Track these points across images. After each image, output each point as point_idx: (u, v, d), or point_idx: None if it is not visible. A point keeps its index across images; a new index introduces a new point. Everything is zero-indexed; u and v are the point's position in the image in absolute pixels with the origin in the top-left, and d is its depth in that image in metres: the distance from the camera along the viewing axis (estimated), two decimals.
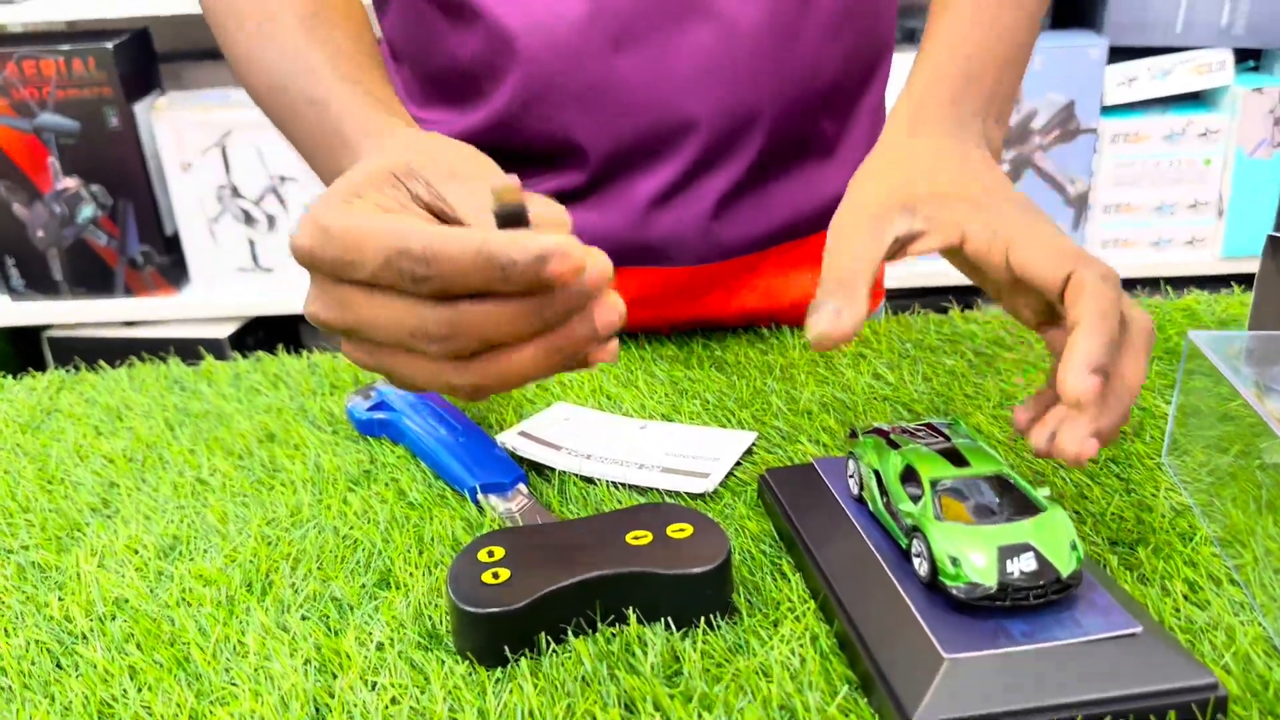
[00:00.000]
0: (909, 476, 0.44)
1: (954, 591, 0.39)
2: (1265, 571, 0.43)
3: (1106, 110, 1.42)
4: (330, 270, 0.36)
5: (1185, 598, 0.44)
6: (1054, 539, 0.40)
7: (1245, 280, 1.50)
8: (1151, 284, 1.48)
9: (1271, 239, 0.65)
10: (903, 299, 1.55)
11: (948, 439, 0.46)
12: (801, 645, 0.42)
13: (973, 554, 0.39)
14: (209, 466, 0.61)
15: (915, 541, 0.42)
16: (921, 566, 0.41)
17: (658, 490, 0.55)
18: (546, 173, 0.72)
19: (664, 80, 0.66)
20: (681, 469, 0.56)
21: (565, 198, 0.72)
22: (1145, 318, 0.44)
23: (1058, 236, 0.44)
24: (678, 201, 0.71)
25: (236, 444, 0.64)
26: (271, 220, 1.47)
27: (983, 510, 0.41)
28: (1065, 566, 0.39)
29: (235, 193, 1.45)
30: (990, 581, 0.39)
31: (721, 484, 0.55)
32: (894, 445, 0.46)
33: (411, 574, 0.49)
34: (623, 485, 0.56)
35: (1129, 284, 1.51)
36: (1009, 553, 0.39)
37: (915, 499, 0.43)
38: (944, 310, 0.81)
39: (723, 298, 0.76)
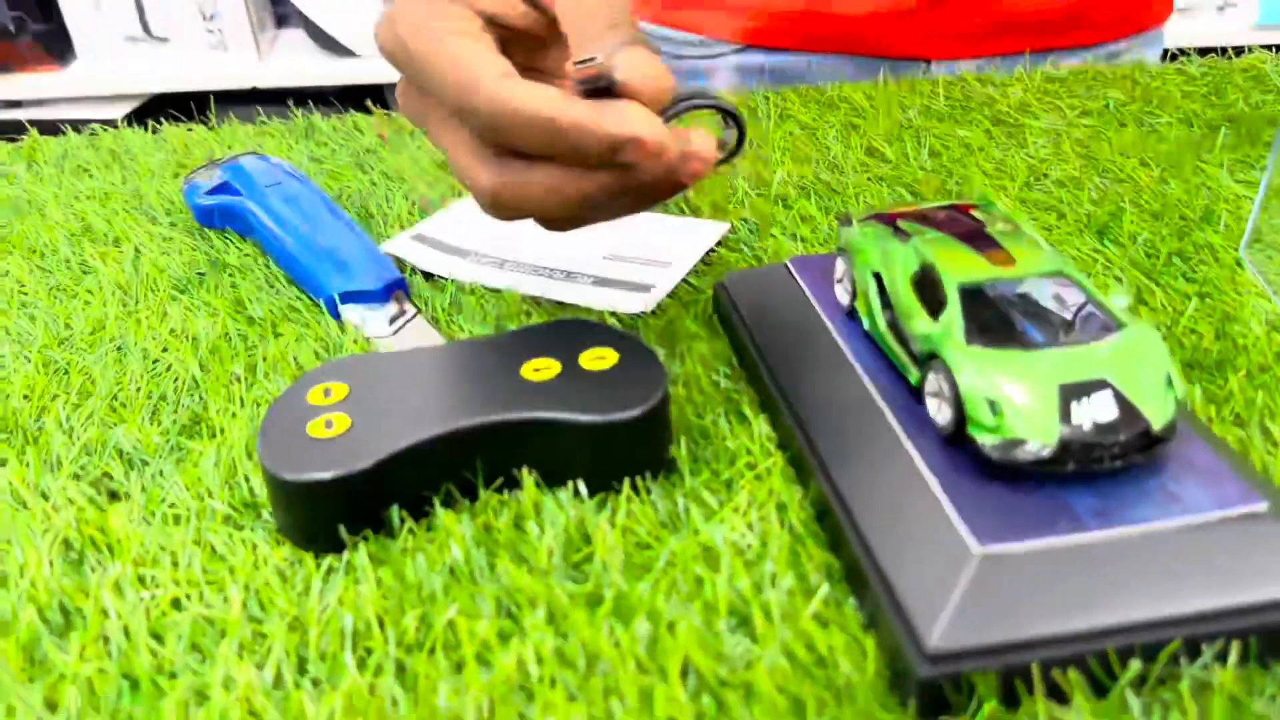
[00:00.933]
0: (926, 281, 0.30)
1: (990, 451, 0.26)
2: None
3: None
4: (408, 78, 0.34)
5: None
6: (1140, 371, 0.27)
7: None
8: (1175, 56, 1.31)
9: None
10: None
11: (980, 224, 0.32)
12: (764, 519, 0.30)
13: (1021, 394, 0.26)
14: (0, 268, 0.46)
15: (933, 375, 0.29)
16: (941, 411, 0.28)
17: (587, 308, 0.41)
18: None
19: None
20: (620, 278, 0.42)
21: None
22: None
23: None
24: None
25: (42, 237, 0.49)
26: None
27: (1037, 328, 0.28)
28: (1159, 413, 0.26)
29: None
30: (1048, 438, 0.26)
31: (669, 295, 0.42)
32: (903, 235, 0.32)
33: (233, 417, 0.36)
34: (542, 300, 0.42)
35: None
36: (1075, 392, 0.26)
37: (935, 312, 0.29)
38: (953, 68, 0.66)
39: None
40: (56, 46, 1.32)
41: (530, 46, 0.35)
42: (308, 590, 0.28)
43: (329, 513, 0.29)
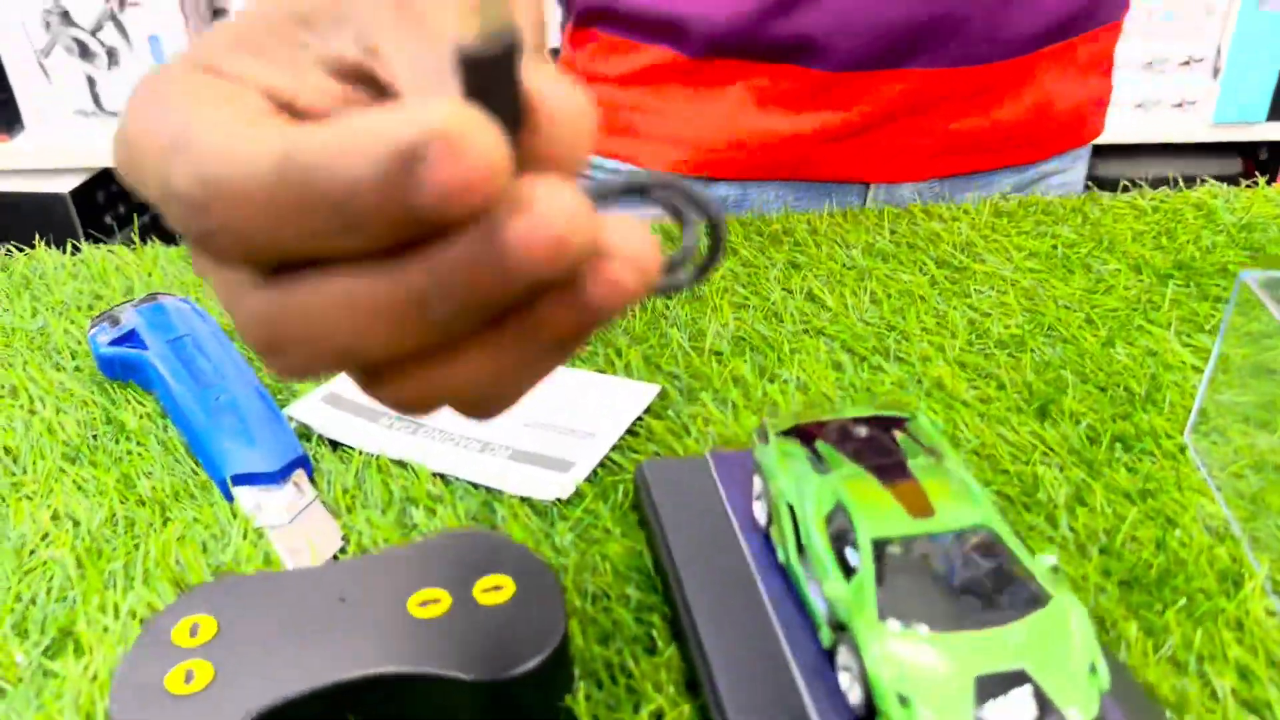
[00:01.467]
0: (839, 523, 0.28)
1: None
2: None
3: None
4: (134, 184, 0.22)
5: (1235, 694, 0.30)
6: (1063, 658, 0.25)
7: (1240, 149, 1.35)
8: (1134, 150, 1.31)
9: None
10: None
11: (902, 455, 0.30)
12: None
13: (933, 689, 0.24)
14: None
15: (844, 648, 0.26)
16: (853, 690, 0.26)
17: (499, 493, 0.39)
18: None
19: None
20: (539, 451, 0.40)
21: None
22: None
23: None
24: None
25: None
26: (112, 54, 1.23)
27: (951, 594, 0.26)
28: (1082, 709, 0.24)
29: (66, 19, 1.21)
30: None
31: (592, 474, 0.39)
32: (819, 462, 0.30)
33: (105, 629, 0.33)
34: (452, 479, 0.40)
35: (1112, 150, 1.33)
36: (992, 687, 0.24)
37: (847, 569, 0.27)
38: (900, 201, 0.64)
39: (986, 107, 0.63)
40: (6, 118, 1.29)
41: None
42: None
43: None
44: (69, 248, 0.60)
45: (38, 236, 0.63)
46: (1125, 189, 0.65)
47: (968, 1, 0.58)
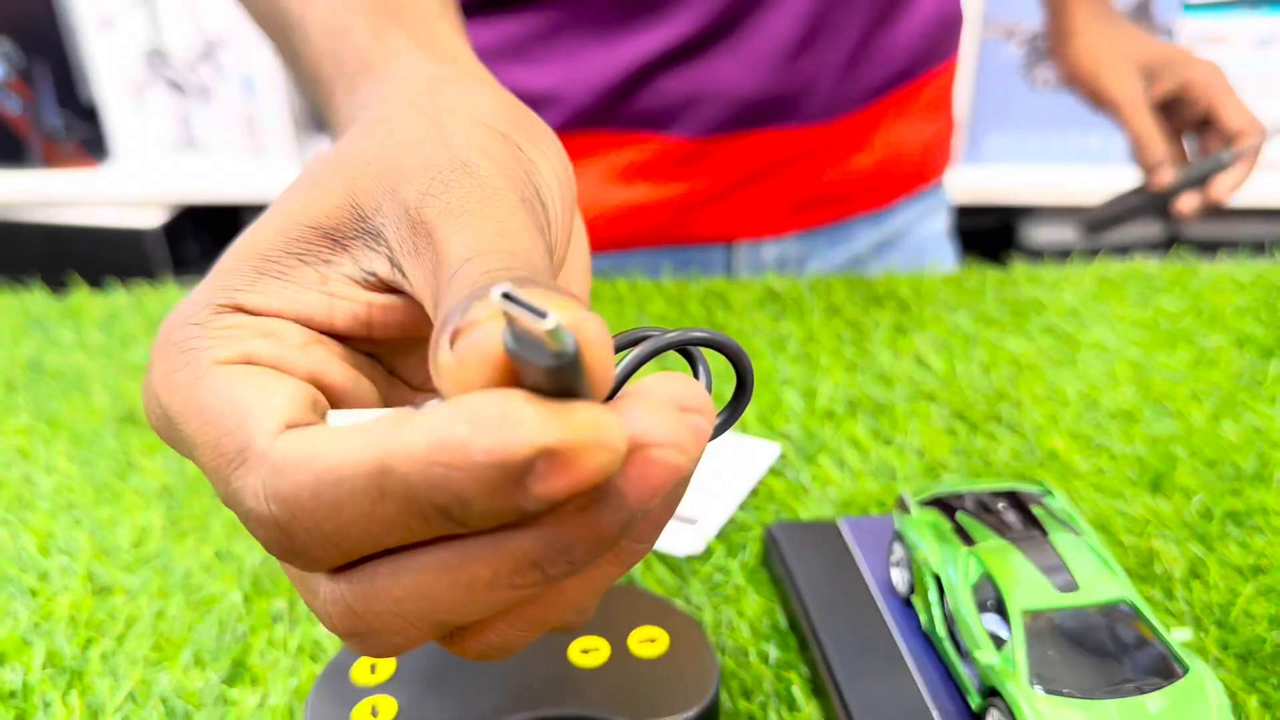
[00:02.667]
0: (986, 593, 0.30)
1: None
2: None
3: (1189, 6, 1.23)
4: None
5: None
6: None
7: None
8: (1231, 213, 1.31)
9: None
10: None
11: (1042, 530, 0.31)
12: None
13: None
14: (44, 459, 0.46)
15: (994, 712, 0.28)
16: None
17: None
18: (653, 19, 0.59)
19: None
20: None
21: (675, 56, 0.59)
22: None
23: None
24: (817, 43, 0.60)
25: (86, 424, 0.49)
26: (206, 92, 1.28)
27: (1097, 668, 0.28)
28: None
29: (163, 58, 1.26)
30: None
31: (721, 531, 0.41)
32: (964, 537, 0.32)
33: (275, 661, 0.35)
34: None
35: (1248, 213, 1.33)
36: None
37: (997, 640, 0.29)
38: (997, 256, 0.66)
39: (840, 158, 0.66)
40: (95, 148, 1.35)
41: (388, 350, 0.24)
42: None
43: None
44: None
45: (121, 270, 0.67)
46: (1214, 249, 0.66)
47: (816, 67, 0.61)
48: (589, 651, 0.32)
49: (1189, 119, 0.68)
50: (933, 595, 0.32)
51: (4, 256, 1.33)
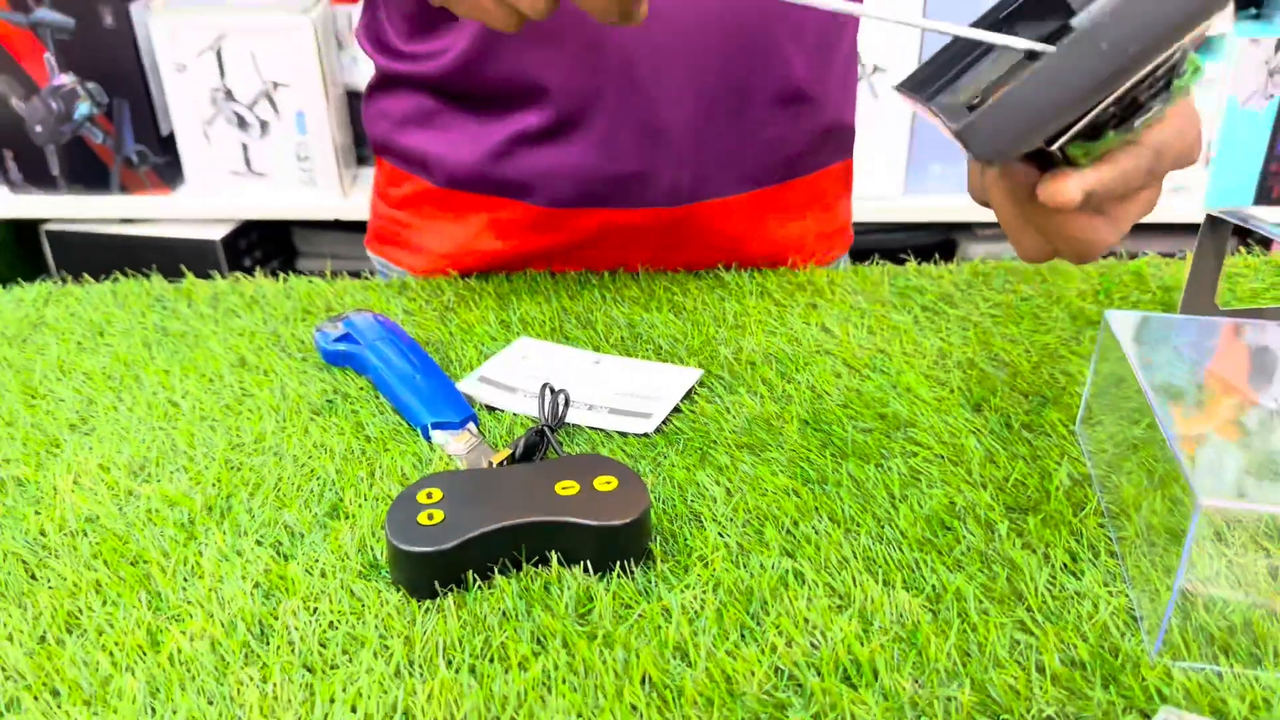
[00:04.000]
0: None
1: None
2: (1141, 545, 0.47)
3: None
4: None
5: (1064, 567, 0.48)
6: None
7: (1236, 231, 1.52)
8: (1135, 229, 1.49)
9: (1210, 218, 0.67)
10: (866, 252, 1.57)
11: None
12: (704, 591, 0.47)
13: None
14: (181, 389, 0.64)
15: None
16: None
17: (602, 430, 0.59)
18: (511, 113, 0.74)
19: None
20: (627, 409, 0.60)
21: (532, 138, 0.74)
22: (1119, 234, 0.51)
23: None
24: (654, 138, 0.73)
25: (209, 367, 0.67)
26: (265, 125, 1.48)
27: None
28: None
29: (229, 96, 1.46)
30: None
31: (663, 423, 0.59)
32: None
33: (360, 506, 0.53)
34: (570, 425, 0.59)
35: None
36: None
37: None
38: (901, 261, 0.83)
39: (695, 240, 0.79)
40: (168, 174, 1.54)
41: None
42: (414, 621, 0.45)
43: (429, 573, 0.46)
44: (280, 277, 0.81)
45: (192, 273, 0.85)
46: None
47: (660, 160, 0.73)
48: (567, 488, 0.49)
49: None
50: None
51: (89, 265, 1.52)
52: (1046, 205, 0.46)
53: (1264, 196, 1.45)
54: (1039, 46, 0.42)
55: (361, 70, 1.46)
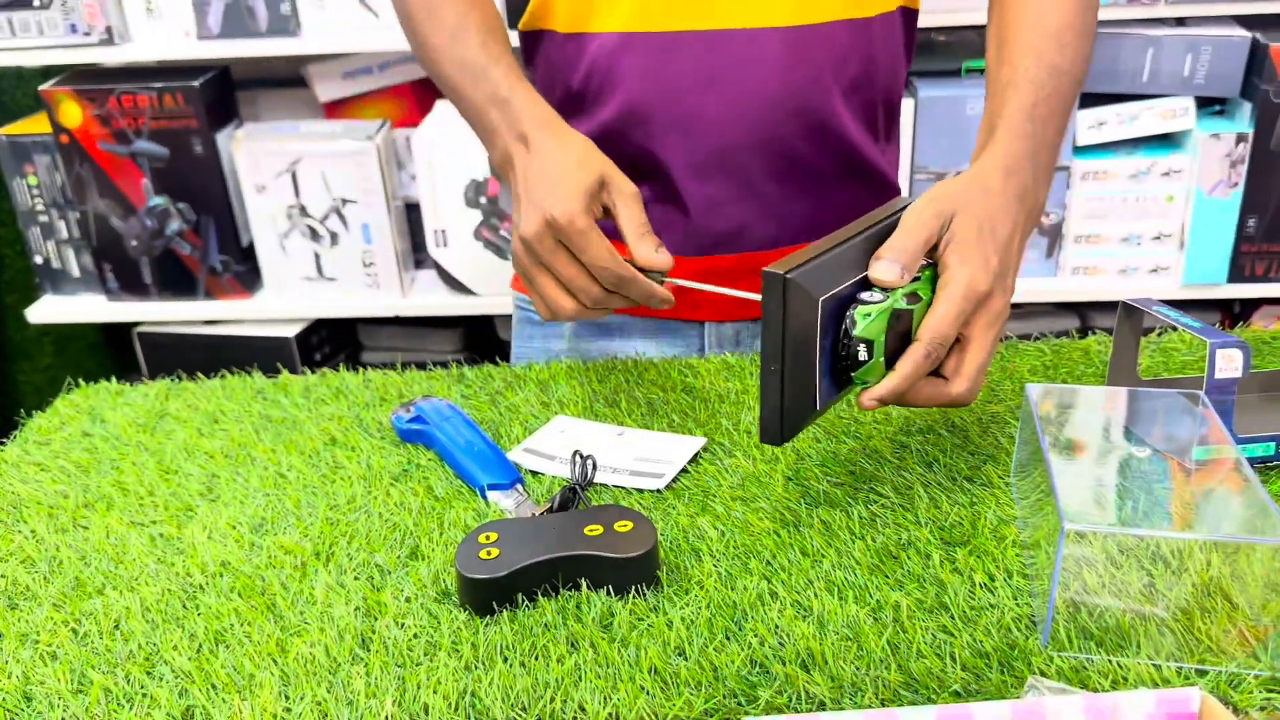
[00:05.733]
0: None
1: None
2: (1047, 569, 0.60)
3: (1079, 150, 1.56)
4: (557, 240, 0.72)
5: (983, 585, 0.61)
6: None
7: (1204, 305, 1.64)
8: (1106, 305, 1.61)
9: (1124, 305, 0.81)
10: None
11: None
12: (700, 607, 0.60)
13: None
14: (286, 464, 0.80)
15: None
16: None
17: (623, 487, 0.73)
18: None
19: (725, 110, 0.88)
20: (643, 471, 0.74)
21: (649, 202, 0.91)
22: (965, 387, 0.66)
23: (983, 245, 0.67)
24: (747, 202, 0.91)
25: (307, 446, 0.83)
26: (334, 236, 1.67)
27: None
28: None
29: (303, 212, 1.66)
30: None
31: (673, 481, 0.73)
32: None
33: (433, 549, 0.68)
34: (598, 484, 0.74)
35: (1099, 306, 1.65)
36: None
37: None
38: None
39: None
40: (248, 280, 1.73)
41: None
42: (477, 631, 0.59)
43: (488, 596, 0.60)
44: (358, 370, 0.97)
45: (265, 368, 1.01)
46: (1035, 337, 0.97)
47: (754, 218, 0.92)
48: (594, 530, 0.63)
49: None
50: None
51: (177, 362, 1.71)
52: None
53: (1237, 275, 1.57)
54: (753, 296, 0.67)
55: (420, 186, 1.65)
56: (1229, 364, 0.70)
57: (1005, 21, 0.81)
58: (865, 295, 0.65)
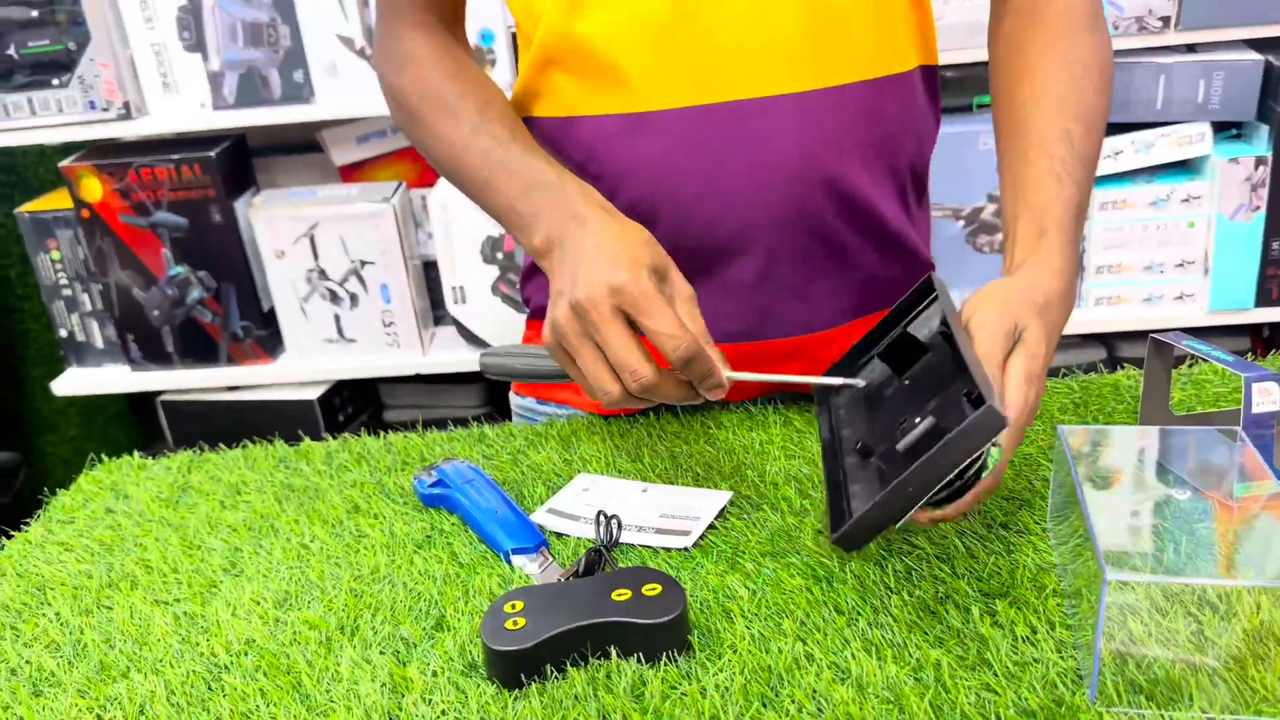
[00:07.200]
0: None
1: None
2: (1090, 619, 0.58)
3: (1097, 180, 1.55)
4: (616, 307, 0.67)
5: (1025, 639, 0.59)
6: None
7: (1232, 330, 1.62)
8: (1144, 336, 1.59)
9: (1153, 340, 0.80)
10: None
11: None
12: (734, 672, 0.59)
13: None
14: (309, 534, 0.79)
15: None
16: None
17: (649, 547, 0.72)
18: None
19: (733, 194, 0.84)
20: (669, 528, 0.73)
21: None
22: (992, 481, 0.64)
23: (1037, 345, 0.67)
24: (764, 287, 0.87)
25: (330, 514, 0.82)
26: (354, 298, 1.68)
27: None
28: None
29: (322, 275, 1.67)
30: None
31: (700, 538, 0.72)
32: None
33: (459, 619, 0.66)
34: (624, 544, 0.73)
35: (1126, 335, 1.62)
36: None
37: None
38: None
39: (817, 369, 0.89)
40: (269, 344, 1.74)
41: None
42: (506, 705, 0.58)
43: (515, 668, 0.59)
44: (379, 435, 0.96)
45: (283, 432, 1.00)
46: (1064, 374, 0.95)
47: (779, 300, 0.87)
48: (621, 595, 0.62)
49: None
50: None
51: (200, 427, 1.72)
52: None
53: (1264, 299, 1.55)
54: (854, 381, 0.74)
55: (436, 245, 1.65)
56: (1265, 398, 0.68)
57: (1022, 97, 0.82)
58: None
